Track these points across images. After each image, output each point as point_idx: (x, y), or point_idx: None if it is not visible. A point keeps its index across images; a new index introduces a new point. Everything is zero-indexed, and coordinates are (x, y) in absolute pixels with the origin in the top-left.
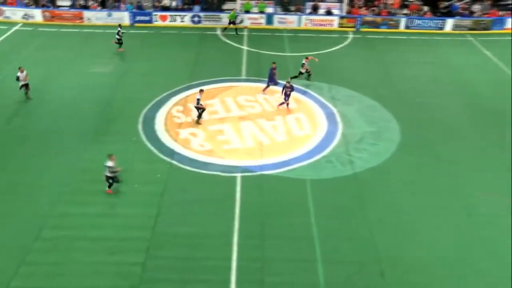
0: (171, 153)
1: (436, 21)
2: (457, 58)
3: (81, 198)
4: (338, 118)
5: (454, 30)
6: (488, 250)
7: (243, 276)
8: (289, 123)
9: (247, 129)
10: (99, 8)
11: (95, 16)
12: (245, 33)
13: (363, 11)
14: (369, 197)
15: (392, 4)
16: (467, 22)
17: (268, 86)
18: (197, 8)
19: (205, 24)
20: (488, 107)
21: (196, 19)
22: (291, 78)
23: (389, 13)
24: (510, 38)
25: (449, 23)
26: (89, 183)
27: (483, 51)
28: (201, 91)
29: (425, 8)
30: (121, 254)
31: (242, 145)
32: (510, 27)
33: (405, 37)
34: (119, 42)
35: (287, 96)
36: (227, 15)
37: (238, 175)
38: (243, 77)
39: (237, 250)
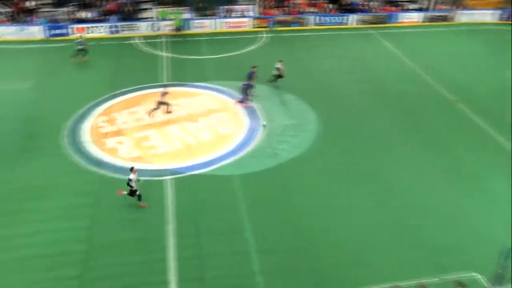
0: (99, 163)
1: (341, 17)
2: (362, 49)
3: (7, 220)
4: (260, 114)
5: (358, 25)
6: (406, 230)
7: (183, 274)
8: (213, 123)
9: (173, 132)
10: (9, 22)
11: (6, 31)
12: (163, 39)
13: (274, 11)
14: (294, 186)
15: (301, 3)
16: (368, 17)
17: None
18: (114, 18)
19: (123, 33)
20: (394, 92)
21: (113, 29)
22: (270, 82)
23: (299, 12)
24: (404, 30)
25: (352, 18)
26: (15, 202)
27: (384, 42)
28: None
29: (330, 6)
30: (58, 270)
31: (169, 149)
32: (403, 20)
33: (315, 34)
34: (81, 52)
35: (246, 94)
36: (174, 20)
37: (168, 177)
38: (165, 82)
39: (174, 250)
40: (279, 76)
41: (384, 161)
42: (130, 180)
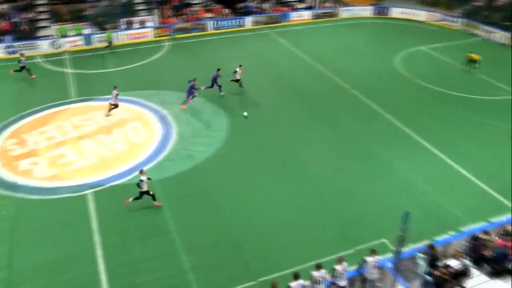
0: (14, 186)
1: (237, 20)
2: (261, 48)
3: None
4: (171, 119)
5: (254, 26)
6: (320, 212)
7: (115, 284)
8: (127, 133)
9: (88, 147)
10: None
11: None
12: (66, 56)
13: (174, 20)
14: (213, 183)
15: (198, 10)
16: (263, 18)
17: (211, 87)
18: (8, 38)
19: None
20: (297, 85)
21: (11, 49)
22: (240, 86)
23: (197, 18)
24: (296, 28)
25: (249, 20)
26: None
27: (280, 40)
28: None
29: (226, 10)
30: None
31: (86, 163)
32: (294, 19)
33: (215, 37)
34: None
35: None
36: (105, 35)
37: (88, 191)
38: (74, 98)
39: (103, 262)
40: (238, 80)
41: (295, 149)
42: (141, 181)
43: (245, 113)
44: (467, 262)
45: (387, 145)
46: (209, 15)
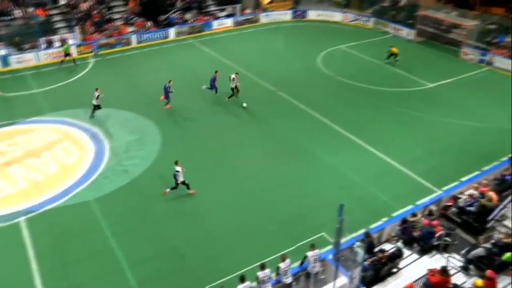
0: None
1: (161, 32)
2: (186, 58)
3: None
4: (102, 136)
5: (177, 37)
6: (262, 213)
7: None
8: (57, 154)
9: (16, 172)
10: None
11: None
12: None
13: (96, 36)
14: (152, 195)
15: (120, 25)
16: (186, 28)
17: (211, 89)
18: None
19: None
20: (223, 91)
21: None
22: (228, 98)
23: (120, 33)
24: (220, 36)
25: (172, 32)
26: None
27: (204, 49)
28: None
29: (149, 23)
30: None
31: (16, 189)
32: (217, 27)
33: (140, 51)
34: None
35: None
36: (62, 48)
37: (21, 219)
38: None
39: None
40: (236, 89)
41: (229, 154)
42: (177, 172)
43: (244, 104)
44: (399, 244)
45: (317, 142)
46: (131, 29)
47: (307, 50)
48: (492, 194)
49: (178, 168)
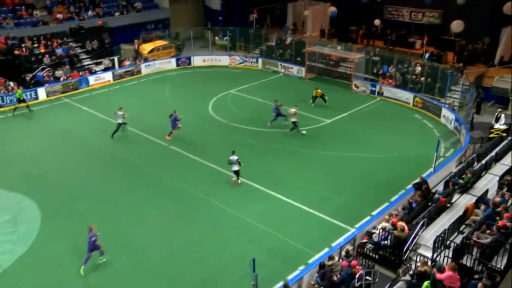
0: None
1: (28, 92)
2: (62, 120)
3: None
4: None
5: (50, 97)
6: (170, 284)
7: None
8: None
9: None
10: None
11: None
12: None
13: None
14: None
15: None
16: (58, 86)
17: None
18: None
19: None
20: (107, 153)
21: None
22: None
23: None
24: (98, 91)
25: (41, 91)
26: None
27: (81, 107)
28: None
29: (11, 83)
30: None
31: None
32: (95, 83)
33: (3, 116)
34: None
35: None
36: (16, 94)
37: None
38: None
39: None
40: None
41: (121, 223)
42: (237, 161)
43: (304, 131)
44: None
45: (218, 194)
46: None
47: (196, 98)
48: (403, 224)
49: (234, 157)
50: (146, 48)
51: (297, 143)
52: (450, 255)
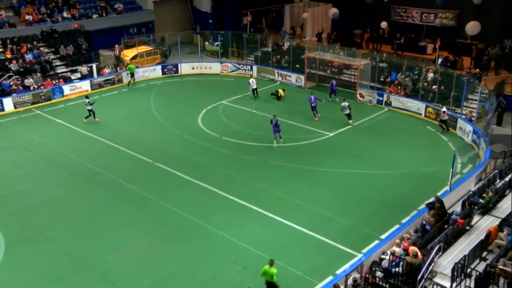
0: None
1: None
2: (33, 134)
3: None
4: None
5: (17, 108)
6: None
7: None
8: None
9: None
10: None
11: None
12: None
13: None
14: None
15: None
16: (28, 97)
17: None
18: None
19: None
20: (86, 169)
21: None
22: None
23: None
24: (75, 102)
25: (8, 102)
26: None
27: (55, 120)
28: None
29: None
30: None
31: None
32: (71, 92)
33: None
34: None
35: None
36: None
37: None
38: None
39: None
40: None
41: (100, 250)
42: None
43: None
44: None
45: (210, 216)
46: None
47: (184, 110)
48: (416, 249)
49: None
50: (128, 54)
51: (297, 159)
52: (472, 286)
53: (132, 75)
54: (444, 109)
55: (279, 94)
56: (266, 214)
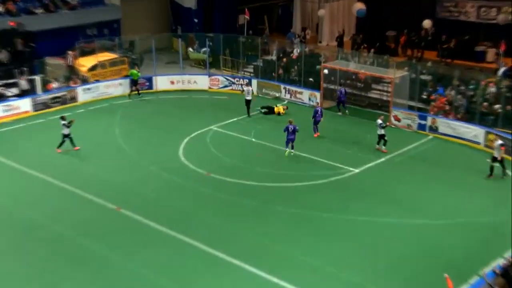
0: None
1: None
2: None
3: None
4: None
5: None
6: None
7: None
8: None
9: None
10: None
11: None
12: None
13: None
14: None
15: None
16: None
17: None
18: None
19: None
20: (31, 220)
21: None
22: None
23: None
24: (10, 127)
25: None
26: None
27: None
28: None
29: None
30: None
31: None
32: (4, 114)
33: None
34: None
35: None
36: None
37: None
38: None
39: None
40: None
41: None
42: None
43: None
44: None
45: (189, 282)
46: None
47: (161, 138)
48: None
49: (380, 121)
50: (85, 63)
51: (310, 204)
52: None
53: (135, 83)
54: (501, 141)
55: (278, 112)
56: (270, 279)
